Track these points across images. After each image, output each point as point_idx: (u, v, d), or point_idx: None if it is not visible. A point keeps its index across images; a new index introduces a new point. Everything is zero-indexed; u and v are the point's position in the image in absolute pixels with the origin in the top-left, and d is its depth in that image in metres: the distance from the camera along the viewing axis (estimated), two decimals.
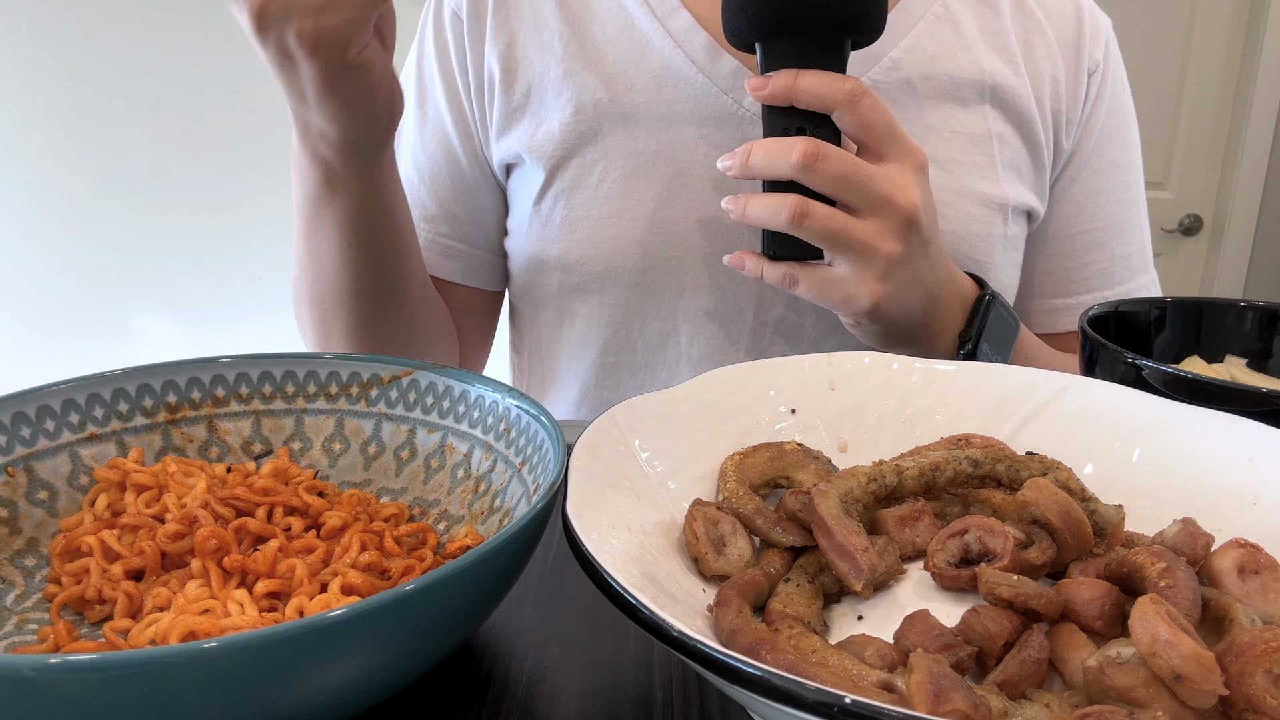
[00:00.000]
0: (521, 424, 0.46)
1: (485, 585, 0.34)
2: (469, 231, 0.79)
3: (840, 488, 0.40)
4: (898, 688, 0.30)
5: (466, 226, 0.79)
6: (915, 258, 0.60)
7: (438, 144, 0.77)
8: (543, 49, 0.73)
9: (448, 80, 0.76)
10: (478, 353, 0.86)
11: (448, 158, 0.77)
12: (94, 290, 2.14)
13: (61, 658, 0.25)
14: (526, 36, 0.74)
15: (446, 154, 0.77)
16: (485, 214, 0.79)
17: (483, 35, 0.74)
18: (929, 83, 0.73)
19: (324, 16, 0.49)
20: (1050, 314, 0.83)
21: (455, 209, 0.78)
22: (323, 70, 0.52)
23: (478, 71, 0.75)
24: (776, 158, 0.57)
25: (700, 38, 0.72)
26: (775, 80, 0.58)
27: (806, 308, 0.73)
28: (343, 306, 0.67)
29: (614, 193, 0.72)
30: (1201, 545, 0.37)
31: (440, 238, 0.78)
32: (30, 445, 0.45)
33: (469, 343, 0.84)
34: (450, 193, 0.78)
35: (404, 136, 0.80)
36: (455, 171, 0.77)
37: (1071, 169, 0.80)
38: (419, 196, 0.78)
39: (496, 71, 0.74)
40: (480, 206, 0.78)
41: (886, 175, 0.58)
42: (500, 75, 0.74)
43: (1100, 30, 0.80)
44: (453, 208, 0.78)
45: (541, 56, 0.73)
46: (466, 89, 0.76)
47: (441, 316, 0.78)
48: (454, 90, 0.76)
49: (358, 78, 0.53)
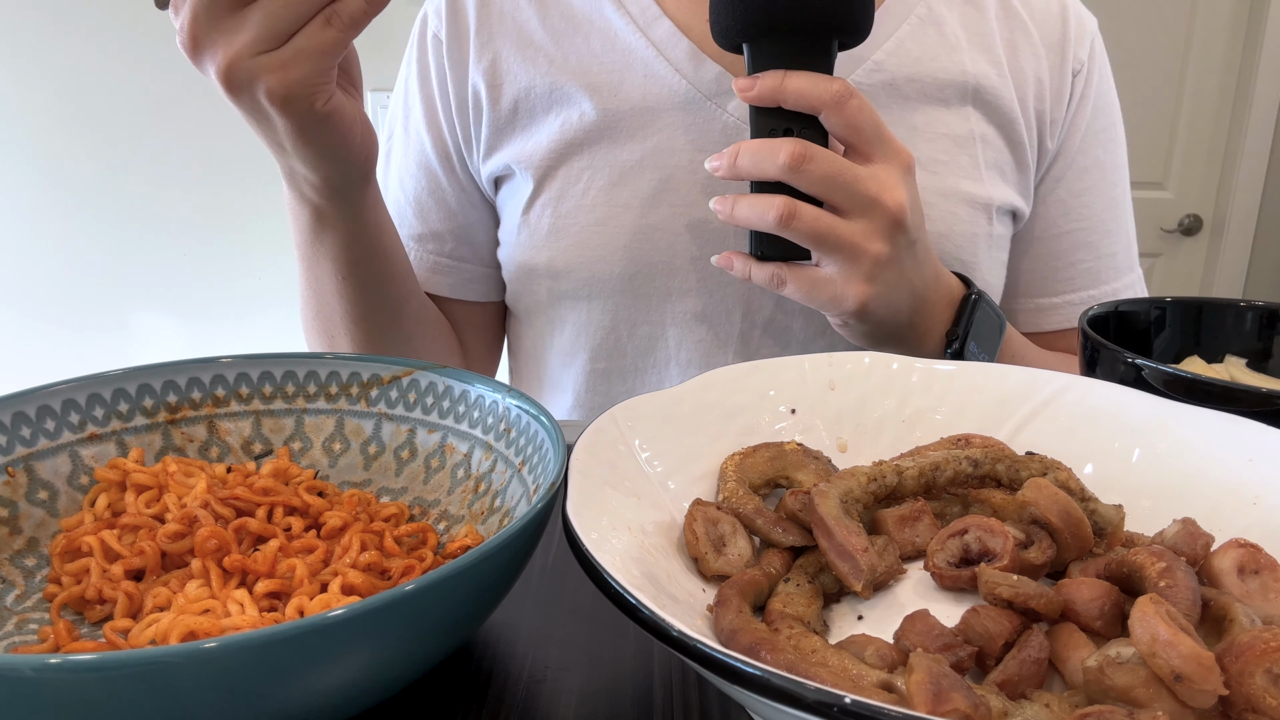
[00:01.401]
0: (521, 424, 0.46)
1: (485, 585, 0.34)
2: (455, 247, 0.80)
3: (840, 488, 0.40)
4: (898, 688, 0.30)
5: (452, 243, 0.80)
6: (902, 258, 0.60)
7: (419, 165, 0.79)
8: (527, 63, 0.74)
9: (427, 102, 0.78)
10: (485, 365, 0.87)
11: (429, 178, 0.79)
12: (94, 290, 2.14)
13: (61, 658, 0.25)
14: (510, 52, 0.74)
15: (428, 174, 0.79)
16: (471, 230, 0.80)
17: (465, 55, 0.75)
18: (913, 84, 0.73)
19: (289, 71, 0.51)
20: (1036, 313, 0.83)
21: (439, 227, 0.79)
22: (295, 122, 0.54)
23: (460, 91, 0.76)
24: (764, 159, 0.57)
25: (683, 45, 0.72)
26: (763, 81, 0.58)
27: (795, 309, 0.73)
28: (345, 331, 0.71)
29: (600, 200, 0.72)
30: (1201, 545, 0.37)
31: (430, 255, 0.80)
32: (30, 445, 0.45)
33: (474, 354, 0.85)
34: (434, 211, 0.79)
35: (393, 158, 0.81)
36: (436, 191, 0.79)
37: (1056, 169, 0.80)
38: (406, 216, 0.80)
39: (483, 89, 0.75)
40: (465, 223, 0.80)
41: (873, 176, 0.58)
42: (486, 92, 0.74)
43: (1085, 30, 0.80)
44: (437, 226, 0.79)
45: (526, 71, 0.74)
46: (447, 109, 0.77)
47: (443, 332, 0.80)
48: (433, 112, 0.78)
49: (330, 125, 0.55)
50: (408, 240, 0.79)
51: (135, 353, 2.16)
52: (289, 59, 0.51)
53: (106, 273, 2.12)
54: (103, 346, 2.16)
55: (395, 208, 0.79)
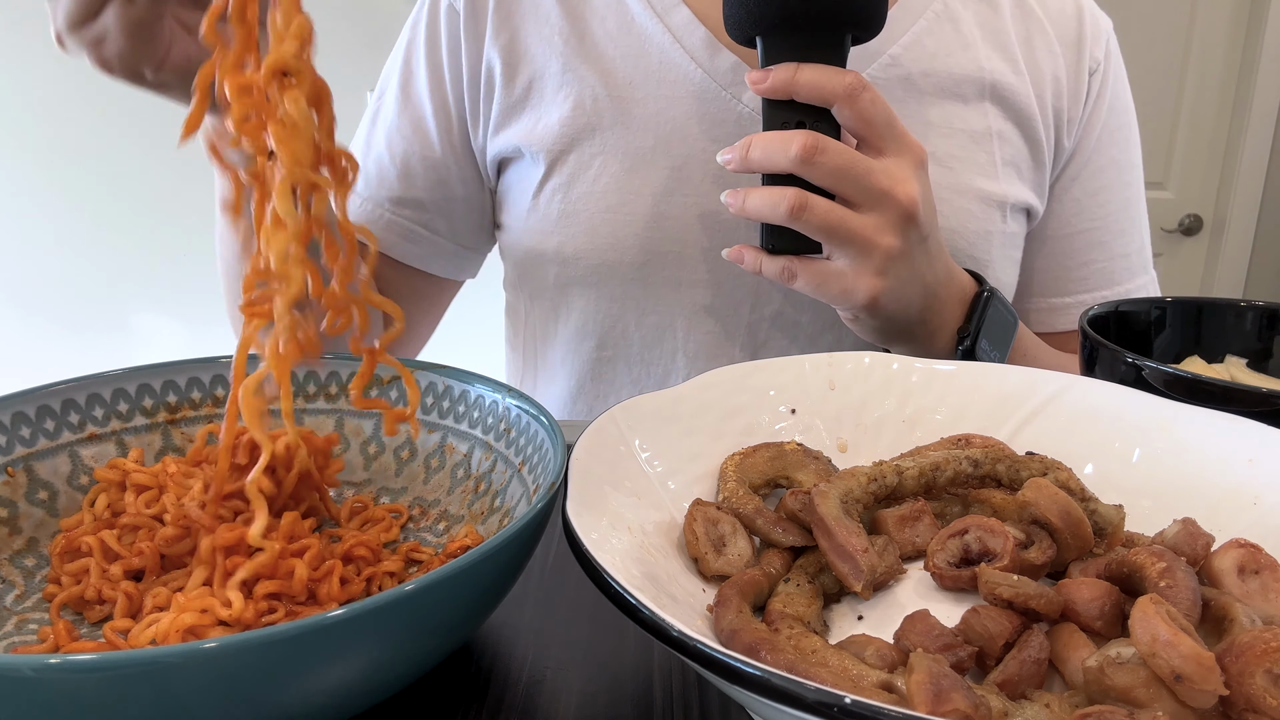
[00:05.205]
0: (521, 424, 0.46)
1: (485, 585, 0.34)
2: (433, 218, 0.79)
3: (840, 488, 0.40)
4: (898, 688, 0.30)
5: (431, 213, 0.79)
6: (914, 252, 0.60)
7: (414, 129, 0.78)
8: (544, 44, 0.74)
9: (434, 70, 0.76)
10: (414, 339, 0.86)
11: (423, 144, 0.77)
12: (94, 290, 2.14)
13: (61, 658, 0.25)
14: (529, 32, 0.74)
15: (422, 140, 0.77)
16: (454, 204, 0.79)
17: (482, 30, 0.75)
18: (929, 79, 0.73)
19: (105, 47, 0.50)
20: (1049, 313, 0.83)
21: (423, 195, 0.78)
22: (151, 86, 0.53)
23: (474, 65, 0.75)
24: (776, 151, 0.57)
25: (699, 33, 0.72)
26: (775, 74, 0.58)
27: (803, 303, 0.73)
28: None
29: (612, 187, 0.72)
30: (1201, 545, 0.37)
31: (404, 220, 0.78)
32: (30, 445, 0.45)
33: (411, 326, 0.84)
34: (422, 178, 0.78)
35: (382, 116, 0.80)
36: (429, 158, 0.78)
37: (1072, 168, 0.80)
38: (388, 177, 0.78)
39: (498, 66, 0.74)
40: (449, 196, 0.79)
41: (885, 170, 0.58)
42: (501, 69, 0.74)
43: (1101, 30, 0.80)
44: (421, 193, 0.78)
45: (543, 51, 0.74)
46: (456, 81, 0.76)
47: None
48: (439, 80, 0.76)
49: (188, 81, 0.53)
50: (383, 201, 0.78)
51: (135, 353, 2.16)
52: (100, 34, 0.50)
53: (106, 273, 2.12)
54: (103, 346, 2.16)
55: (377, 166, 0.78)
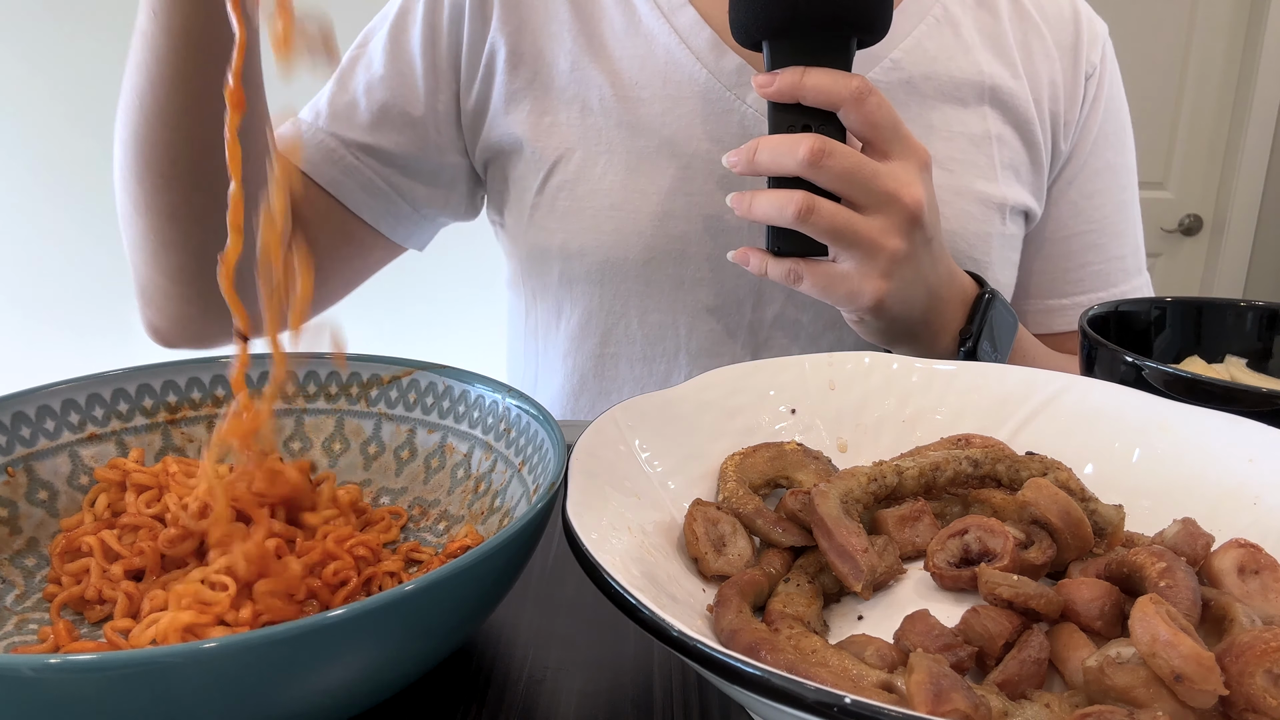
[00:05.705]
0: (521, 424, 0.46)
1: (485, 585, 0.34)
2: (396, 176, 0.76)
3: (840, 488, 0.40)
4: (898, 688, 0.30)
5: (395, 169, 0.75)
6: (919, 254, 0.61)
7: (400, 81, 0.74)
8: (551, 39, 0.74)
9: (431, 30, 0.74)
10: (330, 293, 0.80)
11: (406, 99, 0.74)
12: (94, 290, 2.14)
13: (61, 658, 0.25)
14: (536, 25, 0.74)
15: (405, 96, 0.74)
16: (423, 166, 0.76)
17: (489, 11, 0.74)
18: (930, 83, 0.74)
19: None
20: (1047, 314, 0.84)
21: (394, 148, 0.75)
22: None
23: (475, 43, 0.74)
24: (783, 154, 0.58)
25: (705, 34, 0.72)
26: (782, 77, 0.58)
27: (805, 303, 0.74)
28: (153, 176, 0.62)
29: (617, 185, 0.72)
30: (1201, 545, 0.37)
31: (366, 170, 0.75)
32: (30, 445, 0.45)
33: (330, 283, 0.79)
34: (395, 133, 0.75)
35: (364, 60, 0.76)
36: (408, 114, 0.75)
37: (1069, 171, 0.81)
38: (360, 122, 0.74)
39: (501, 51, 0.73)
40: (420, 158, 0.76)
41: (891, 173, 0.58)
42: (506, 56, 0.73)
43: (1097, 34, 0.81)
44: (391, 146, 0.75)
45: (550, 47, 0.73)
46: (454, 49, 0.74)
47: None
48: (435, 41, 0.74)
49: None
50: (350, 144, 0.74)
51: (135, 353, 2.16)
52: None
53: (107, 273, 2.12)
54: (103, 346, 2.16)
55: (346, 108, 0.74)
